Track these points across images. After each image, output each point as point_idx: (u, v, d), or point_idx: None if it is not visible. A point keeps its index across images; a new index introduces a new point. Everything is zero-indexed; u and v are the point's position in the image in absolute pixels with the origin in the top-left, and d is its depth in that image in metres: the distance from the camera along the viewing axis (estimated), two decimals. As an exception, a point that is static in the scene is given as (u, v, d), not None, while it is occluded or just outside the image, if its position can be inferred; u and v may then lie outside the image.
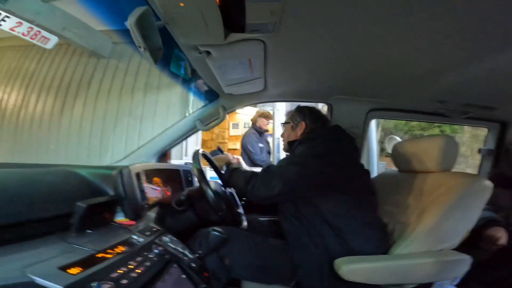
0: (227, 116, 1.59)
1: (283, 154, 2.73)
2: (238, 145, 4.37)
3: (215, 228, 0.81)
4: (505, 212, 1.37)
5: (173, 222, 1.03)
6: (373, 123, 1.82)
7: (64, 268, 0.48)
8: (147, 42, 0.66)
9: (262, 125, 2.88)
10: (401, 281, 0.97)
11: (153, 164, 1.29)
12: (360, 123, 1.48)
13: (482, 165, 1.74)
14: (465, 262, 0.96)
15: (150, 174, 1.17)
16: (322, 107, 1.75)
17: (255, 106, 3.45)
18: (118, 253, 0.64)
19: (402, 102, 1.47)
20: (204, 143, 4.29)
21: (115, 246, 0.68)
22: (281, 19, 0.70)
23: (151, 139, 1.54)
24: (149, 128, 2.45)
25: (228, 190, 1.28)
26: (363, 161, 1.83)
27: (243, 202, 1.46)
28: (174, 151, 1.97)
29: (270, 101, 2.42)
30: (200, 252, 0.78)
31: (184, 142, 2.84)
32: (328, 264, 0.94)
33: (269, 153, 2.99)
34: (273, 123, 2.81)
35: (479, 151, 1.74)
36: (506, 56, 0.85)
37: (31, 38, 2.01)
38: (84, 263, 0.52)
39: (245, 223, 1.13)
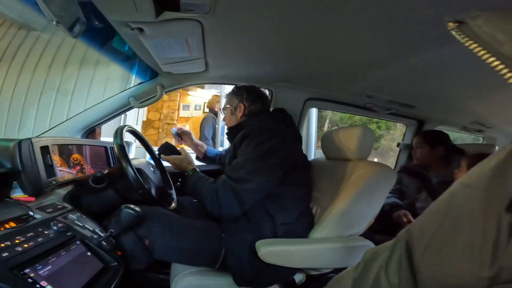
0: (178, 98, 1.55)
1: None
2: (187, 127, 4.26)
3: (128, 205, 0.78)
4: (410, 199, 1.61)
5: (91, 201, 0.96)
6: (313, 111, 1.94)
7: None
8: (62, 16, 0.61)
9: (219, 109, 2.99)
10: (315, 265, 1.03)
11: (70, 139, 1.18)
12: (298, 110, 1.56)
13: (399, 158, 2.00)
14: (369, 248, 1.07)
15: (66, 150, 1.07)
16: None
17: (202, 88, 3.42)
18: (6, 228, 0.58)
19: (337, 94, 1.59)
20: (150, 123, 4.07)
21: (6, 222, 0.61)
22: (216, 1, 0.69)
23: (76, 114, 1.42)
24: (81, 104, 2.26)
25: (160, 169, 1.25)
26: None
27: (178, 184, 1.44)
28: (108, 130, 1.84)
29: (212, 83, 2.39)
30: (111, 230, 0.75)
31: (121, 120, 2.68)
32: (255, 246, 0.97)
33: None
34: (219, 106, 2.85)
35: (398, 145, 2.00)
36: (425, 58, 0.96)
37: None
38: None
39: (173, 204, 1.12)
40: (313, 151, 1.98)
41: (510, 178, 0.19)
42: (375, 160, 5.73)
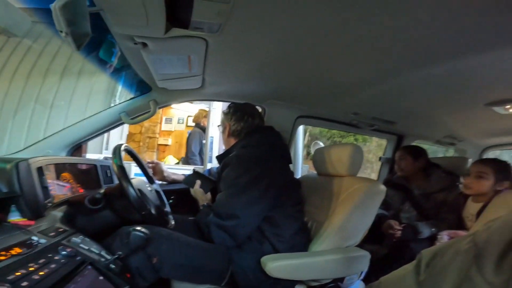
0: (160, 110, 1.54)
1: (215, 152, 2.79)
2: (170, 141, 4.19)
3: (137, 227, 0.79)
4: (394, 210, 1.73)
5: (87, 222, 0.94)
6: (300, 129, 2.03)
7: None
8: (72, 28, 0.61)
9: (206, 124, 2.99)
10: (319, 276, 1.10)
11: (62, 158, 1.15)
12: (289, 128, 1.63)
13: (381, 171, 2.14)
14: (366, 258, 1.15)
15: (58, 169, 1.04)
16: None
17: (191, 103, 3.42)
18: (13, 255, 0.57)
19: (326, 111, 1.70)
20: (131, 136, 3.95)
21: (10, 248, 0.60)
22: (227, 21, 0.73)
23: (61, 130, 1.37)
24: (61, 117, 2.15)
25: (154, 187, 1.24)
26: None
27: (171, 201, 1.43)
28: (92, 144, 1.79)
29: (206, 100, 2.43)
30: (120, 252, 0.74)
31: (105, 135, 2.59)
32: (260, 262, 1.02)
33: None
34: (207, 122, 2.85)
35: (380, 159, 2.14)
36: (406, 78, 1.08)
37: None
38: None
39: (172, 222, 1.12)
40: (300, 167, 2.06)
41: None
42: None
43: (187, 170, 1.79)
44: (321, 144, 2.81)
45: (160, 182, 1.46)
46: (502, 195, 1.28)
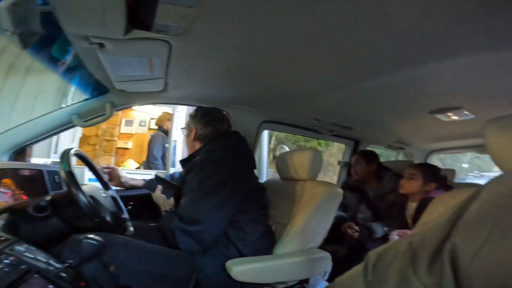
0: (120, 112, 1.48)
1: (179, 157, 2.73)
2: (130, 144, 3.98)
3: (89, 235, 0.75)
4: (351, 212, 1.86)
5: (32, 230, 0.87)
6: (265, 133, 2.09)
7: None
8: (21, 27, 0.57)
9: (169, 128, 2.90)
10: (284, 279, 1.13)
11: (3, 162, 1.06)
12: (253, 132, 1.67)
13: (340, 174, 2.28)
14: (327, 259, 1.21)
15: (-1, 175, 0.96)
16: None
17: (154, 105, 3.30)
18: None
19: (289, 117, 1.77)
20: (85, 139, 3.66)
21: None
22: (191, 25, 0.73)
23: (3, 132, 1.25)
24: (3, 118, 1.94)
25: (110, 193, 1.19)
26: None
27: (129, 207, 1.38)
28: (39, 148, 1.64)
29: (168, 103, 2.37)
30: (70, 261, 0.70)
31: (54, 137, 2.38)
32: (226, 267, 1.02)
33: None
34: (171, 125, 2.78)
35: (339, 163, 2.29)
36: (362, 86, 1.18)
37: None
38: None
39: (131, 229, 1.08)
40: (265, 171, 2.11)
41: None
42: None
43: (149, 175, 1.73)
44: (287, 148, 2.89)
45: (117, 188, 1.39)
46: (441, 196, 1.44)
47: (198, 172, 1.09)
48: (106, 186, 1.22)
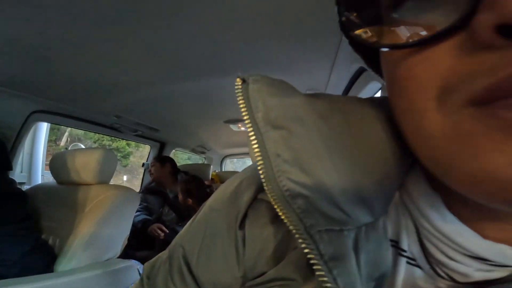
0: None
1: None
2: None
3: None
4: (156, 214, 1.85)
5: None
6: (43, 126, 1.61)
7: None
8: None
9: None
10: None
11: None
12: (17, 123, 1.24)
13: (144, 177, 2.21)
14: (133, 267, 1.11)
15: None
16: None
17: None
18: None
19: (80, 110, 1.46)
20: None
21: None
22: None
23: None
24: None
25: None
26: (23, 170, 1.55)
27: None
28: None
29: None
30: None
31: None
32: None
33: None
34: None
35: (143, 165, 2.21)
36: (166, 87, 1.16)
37: None
38: None
39: None
40: (39, 173, 1.63)
41: (239, 201, 0.26)
42: (125, 177, 5.73)
43: None
44: (82, 147, 2.44)
45: None
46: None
47: None
48: None
